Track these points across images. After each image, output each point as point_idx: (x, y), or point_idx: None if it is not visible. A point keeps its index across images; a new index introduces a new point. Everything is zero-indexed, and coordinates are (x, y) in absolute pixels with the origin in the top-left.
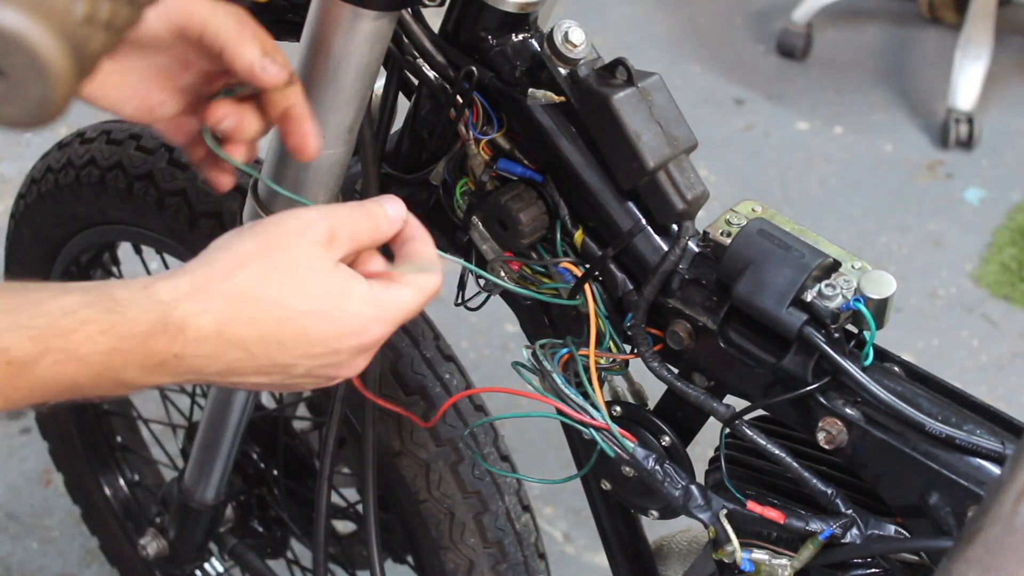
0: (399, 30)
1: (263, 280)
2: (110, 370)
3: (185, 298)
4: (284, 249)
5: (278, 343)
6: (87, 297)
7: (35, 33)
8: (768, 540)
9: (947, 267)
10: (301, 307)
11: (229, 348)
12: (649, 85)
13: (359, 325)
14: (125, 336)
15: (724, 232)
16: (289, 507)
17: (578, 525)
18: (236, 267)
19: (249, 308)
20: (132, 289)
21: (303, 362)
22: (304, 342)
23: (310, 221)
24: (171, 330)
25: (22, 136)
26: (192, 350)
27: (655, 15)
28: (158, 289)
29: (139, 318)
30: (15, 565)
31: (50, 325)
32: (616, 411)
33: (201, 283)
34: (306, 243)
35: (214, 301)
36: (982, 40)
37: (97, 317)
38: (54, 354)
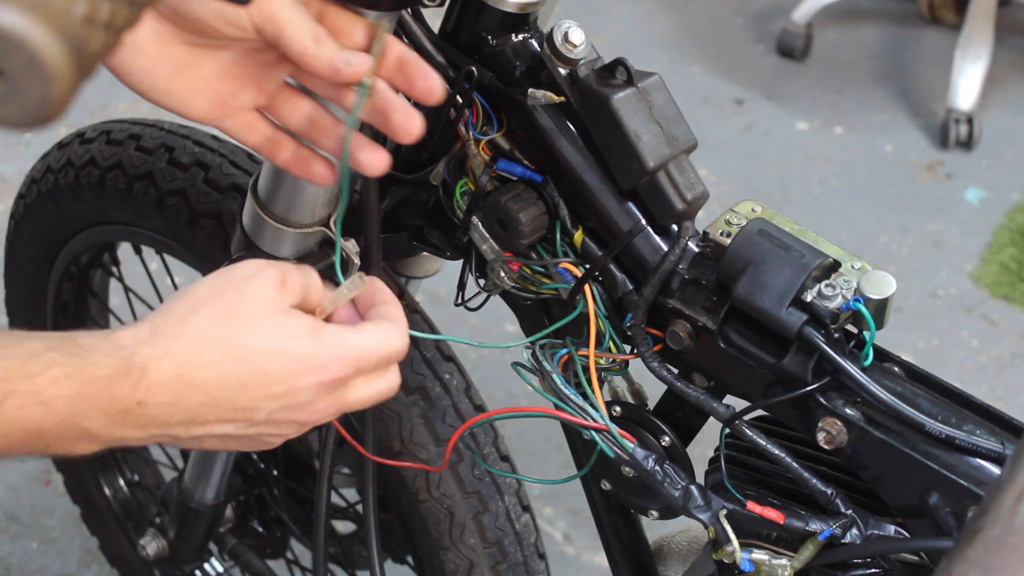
0: (399, 30)
1: (218, 321)
2: (74, 416)
3: (145, 343)
4: (237, 292)
5: (238, 383)
6: (52, 342)
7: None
8: (768, 540)
9: (947, 267)
10: (257, 345)
11: (190, 392)
12: (649, 85)
13: (316, 362)
14: (88, 380)
15: (724, 232)
16: (289, 507)
17: (578, 525)
18: (191, 311)
19: (206, 349)
20: (95, 336)
21: (264, 404)
22: (263, 381)
23: (260, 267)
24: (133, 375)
25: (22, 136)
26: (154, 396)
27: (655, 15)
28: (119, 336)
29: (102, 362)
30: (15, 565)
31: (15, 367)
32: (616, 411)
33: (159, 328)
34: (258, 285)
35: (172, 344)
36: (982, 40)
37: (62, 360)
38: (19, 397)
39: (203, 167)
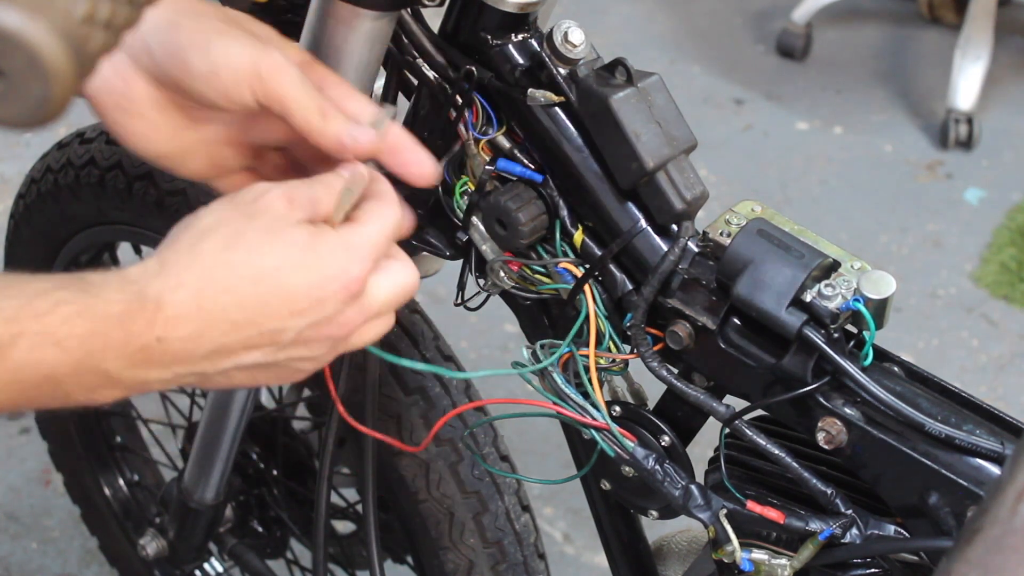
0: (399, 30)
1: (229, 245)
2: (90, 357)
3: (155, 275)
4: (244, 214)
5: (260, 304)
6: (60, 281)
7: (35, 33)
8: (768, 540)
9: (947, 267)
10: (272, 263)
11: (211, 321)
12: (649, 85)
13: (337, 267)
14: (101, 316)
15: (724, 232)
16: (289, 507)
17: (578, 525)
18: (199, 239)
19: (221, 274)
20: (104, 274)
21: (290, 323)
22: (285, 298)
23: (264, 187)
24: (148, 309)
25: (22, 136)
26: (174, 330)
27: (655, 15)
28: (128, 272)
29: (113, 297)
30: (15, 565)
31: (23, 306)
32: (616, 411)
33: (168, 260)
34: (264, 205)
35: (184, 273)
36: (982, 40)
37: (71, 298)
38: (29, 337)
39: None
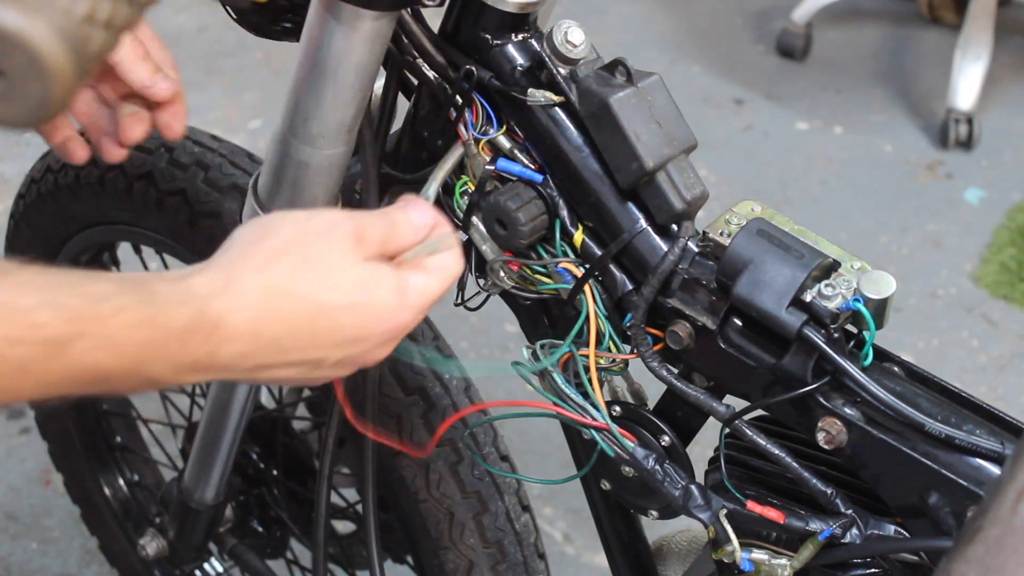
0: (399, 30)
1: (296, 275)
2: (143, 364)
3: (220, 294)
4: (315, 244)
5: (311, 337)
6: (122, 285)
7: (35, 33)
8: (768, 540)
9: (947, 267)
10: (333, 301)
11: (262, 345)
12: (648, 85)
13: (388, 314)
14: (162, 329)
15: (724, 232)
16: (289, 507)
17: (578, 525)
18: (269, 261)
19: (283, 303)
20: (168, 282)
21: (331, 354)
22: (335, 334)
23: (338, 220)
24: (208, 327)
25: (22, 136)
26: (226, 348)
27: (655, 15)
28: (193, 283)
29: (176, 311)
30: (15, 565)
31: (87, 307)
32: (616, 411)
33: (235, 278)
34: (337, 238)
35: (249, 296)
36: (982, 40)
37: (134, 306)
38: (90, 339)
39: (203, 167)
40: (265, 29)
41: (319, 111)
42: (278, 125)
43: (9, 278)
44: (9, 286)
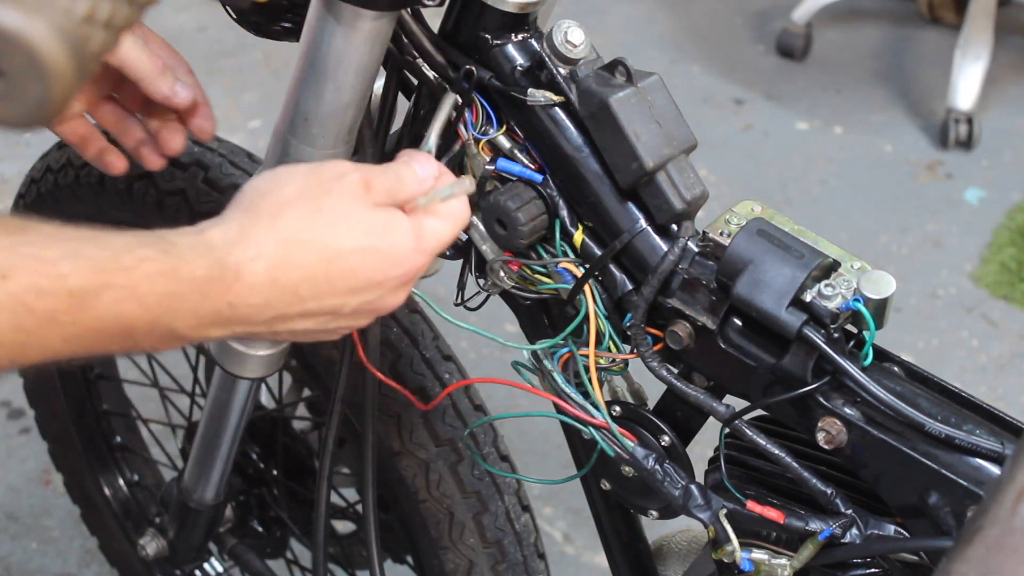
0: (399, 30)
1: (309, 222)
2: (166, 315)
3: (236, 243)
4: (327, 192)
5: (327, 283)
6: (144, 239)
7: (35, 33)
8: (768, 540)
9: (947, 267)
10: (348, 245)
11: (281, 294)
12: (648, 85)
13: (402, 257)
14: (183, 279)
15: (723, 232)
16: (289, 507)
17: (578, 525)
18: (281, 211)
19: (298, 251)
20: (185, 235)
21: (349, 300)
22: (351, 279)
23: (346, 169)
24: (227, 277)
25: (22, 136)
26: (246, 298)
27: (655, 15)
28: (209, 236)
29: (196, 262)
30: (15, 565)
31: (110, 258)
32: (616, 411)
33: (248, 228)
34: (346, 185)
35: (264, 246)
36: (982, 40)
37: (156, 257)
38: (114, 290)
39: (203, 167)
40: (265, 29)
41: (319, 111)
42: (278, 125)
43: (31, 232)
44: (32, 239)
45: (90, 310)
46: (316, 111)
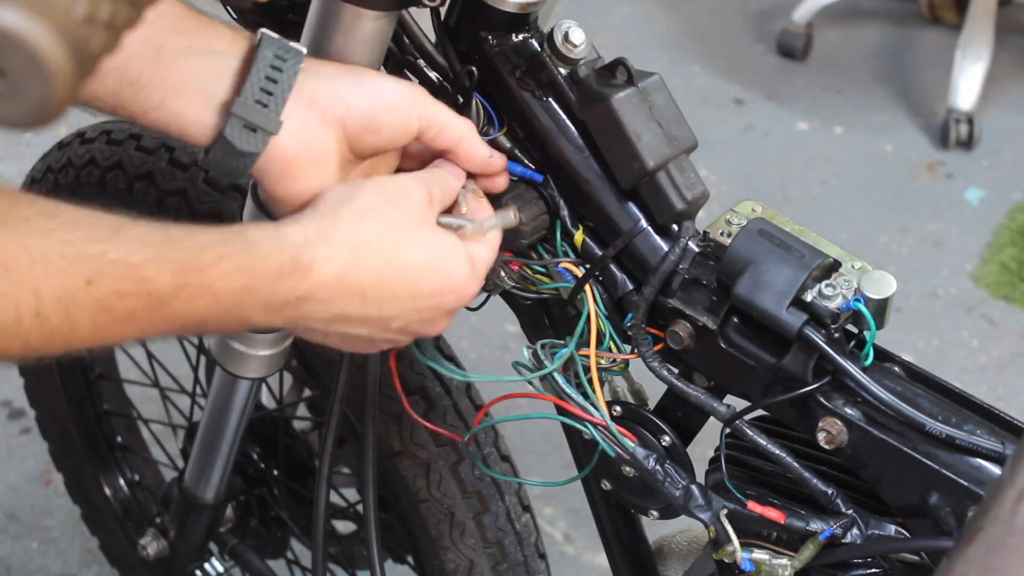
0: (399, 30)
1: (382, 232)
2: (238, 307)
3: (314, 242)
4: (397, 207)
5: (392, 292)
6: (223, 236)
7: (35, 33)
8: (768, 540)
9: (947, 267)
10: (417, 260)
11: (347, 294)
12: (649, 85)
13: (461, 283)
14: (258, 275)
15: (724, 232)
16: (289, 507)
17: (578, 525)
18: (358, 217)
19: (371, 257)
20: (264, 231)
21: (406, 315)
22: (415, 294)
23: (412, 184)
24: (299, 272)
25: (22, 136)
26: (314, 294)
27: (655, 15)
28: (288, 232)
29: (272, 258)
30: (15, 565)
31: (190, 259)
32: (616, 411)
33: (327, 229)
34: (414, 202)
35: (340, 247)
36: (982, 40)
37: (233, 255)
38: (191, 288)
39: (204, 167)
40: None
41: None
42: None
43: (121, 235)
44: (121, 244)
45: (167, 307)
46: None
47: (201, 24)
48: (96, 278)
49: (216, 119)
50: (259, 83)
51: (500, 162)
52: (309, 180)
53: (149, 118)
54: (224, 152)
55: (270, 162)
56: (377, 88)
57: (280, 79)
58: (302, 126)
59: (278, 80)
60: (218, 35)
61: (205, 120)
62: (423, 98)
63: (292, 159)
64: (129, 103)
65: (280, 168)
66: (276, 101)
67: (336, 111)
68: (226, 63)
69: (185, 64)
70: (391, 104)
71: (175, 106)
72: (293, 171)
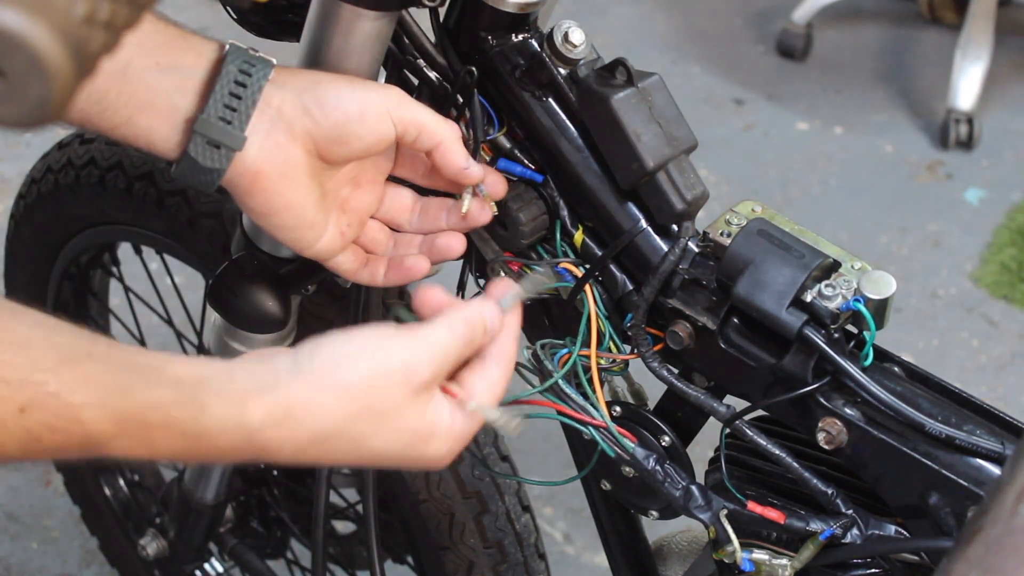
0: (399, 30)
1: (358, 418)
2: (174, 457)
3: (276, 425)
4: (386, 389)
5: (354, 460)
6: (180, 396)
7: (35, 33)
8: (768, 540)
9: (947, 267)
10: (386, 451)
11: (301, 461)
12: (649, 85)
13: (433, 460)
14: (204, 446)
15: (724, 232)
16: (289, 507)
17: (578, 525)
18: (336, 398)
19: (334, 443)
20: (223, 403)
21: (370, 462)
22: (376, 464)
23: (417, 367)
24: (252, 449)
25: (22, 136)
26: (263, 457)
27: (655, 15)
28: (251, 414)
29: (224, 436)
30: (15, 565)
31: (135, 415)
32: (616, 411)
33: (297, 410)
34: (410, 388)
35: (300, 434)
36: (982, 40)
37: (182, 424)
38: (129, 439)
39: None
40: (265, 29)
41: None
42: None
43: (68, 370)
44: (65, 380)
45: (101, 448)
46: None
47: (168, 38)
48: (30, 407)
49: (181, 136)
50: (223, 99)
51: (476, 174)
52: (280, 193)
53: (118, 133)
54: (189, 168)
55: (238, 176)
56: (344, 99)
57: (244, 94)
58: (268, 139)
59: (242, 96)
60: (185, 48)
61: (171, 137)
62: (399, 103)
63: (259, 172)
64: (96, 119)
65: (248, 182)
66: (240, 117)
67: (303, 124)
68: (192, 78)
69: (151, 80)
70: (359, 114)
71: (143, 122)
72: (262, 184)
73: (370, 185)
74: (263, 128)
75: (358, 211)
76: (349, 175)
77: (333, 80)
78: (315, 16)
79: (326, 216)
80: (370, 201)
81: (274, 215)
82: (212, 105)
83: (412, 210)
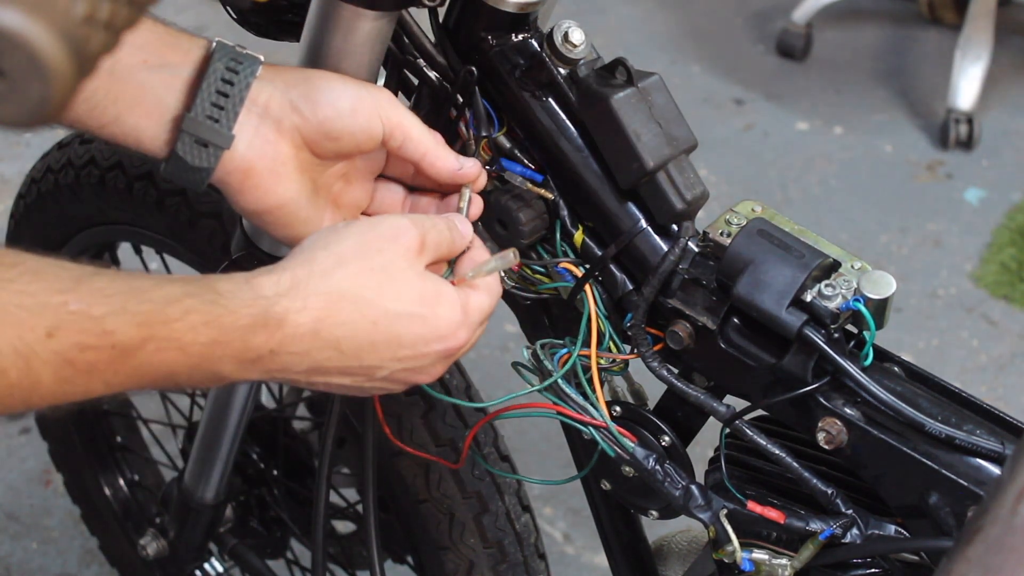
0: (399, 30)
1: (360, 281)
2: (207, 361)
3: (286, 294)
4: (380, 252)
5: (370, 343)
6: (190, 287)
7: (35, 33)
8: (768, 540)
9: (947, 267)
10: (395, 309)
11: (322, 347)
12: (649, 85)
13: (448, 331)
14: (227, 328)
15: (724, 232)
16: (289, 507)
17: (578, 525)
18: (335, 266)
19: (346, 308)
20: (234, 282)
21: (389, 364)
22: (395, 344)
23: (404, 227)
24: (271, 325)
25: (22, 136)
26: (287, 347)
27: (655, 15)
28: (259, 284)
29: (241, 311)
30: (15, 565)
31: (155, 312)
32: (616, 411)
33: (301, 280)
34: (401, 247)
35: (312, 299)
36: (982, 40)
37: (200, 308)
38: (157, 341)
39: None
40: (265, 29)
41: None
42: None
43: (83, 286)
44: (83, 295)
45: (132, 361)
46: None
47: (157, 36)
48: (57, 330)
49: (169, 134)
50: (210, 97)
51: (473, 169)
52: (271, 189)
53: (106, 132)
54: (178, 167)
55: (228, 174)
56: (334, 95)
57: (231, 92)
58: (257, 136)
59: (229, 93)
60: (174, 46)
61: (160, 135)
62: (388, 103)
63: (248, 170)
64: (85, 118)
65: (238, 180)
66: (227, 115)
67: (291, 120)
68: (179, 76)
69: (139, 79)
70: (350, 110)
71: (131, 121)
72: (252, 181)
73: (361, 182)
74: (251, 125)
75: (350, 207)
76: (340, 172)
77: (325, 76)
78: (315, 16)
79: (320, 212)
80: (361, 197)
81: (267, 212)
82: (199, 103)
83: (403, 206)
